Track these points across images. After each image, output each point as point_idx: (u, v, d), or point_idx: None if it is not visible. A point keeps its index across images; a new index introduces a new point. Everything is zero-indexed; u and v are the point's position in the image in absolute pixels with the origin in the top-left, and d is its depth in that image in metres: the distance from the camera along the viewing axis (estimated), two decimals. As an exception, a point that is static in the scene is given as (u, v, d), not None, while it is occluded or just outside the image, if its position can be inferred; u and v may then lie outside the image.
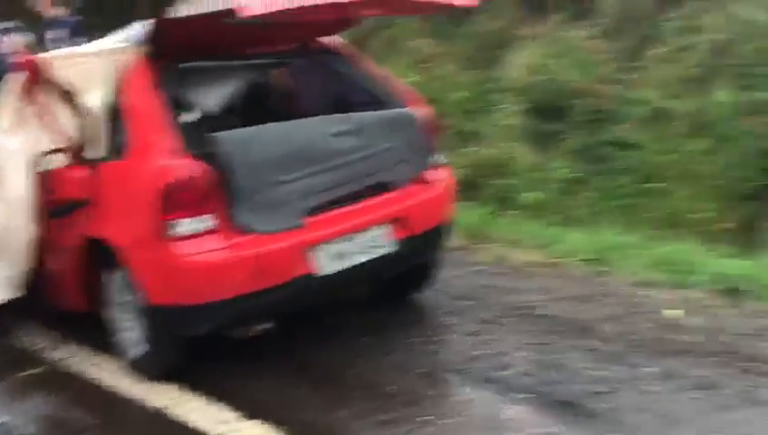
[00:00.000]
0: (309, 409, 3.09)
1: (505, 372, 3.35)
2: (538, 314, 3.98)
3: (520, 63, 6.83)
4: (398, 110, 3.70)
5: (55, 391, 3.31)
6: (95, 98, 3.38)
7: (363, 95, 3.84)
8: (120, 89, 3.32)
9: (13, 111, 3.36)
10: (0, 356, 3.69)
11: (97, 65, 3.39)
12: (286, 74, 4.21)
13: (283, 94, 4.26)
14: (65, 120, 3.45)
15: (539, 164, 6.11)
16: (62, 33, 6.86)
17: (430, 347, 3.62)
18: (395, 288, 4.07)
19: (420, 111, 3.79)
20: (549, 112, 6.36)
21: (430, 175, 3.71)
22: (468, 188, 5.90)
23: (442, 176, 3.81)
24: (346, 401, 3.14)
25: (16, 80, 3.35)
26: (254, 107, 4.06)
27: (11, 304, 3.89)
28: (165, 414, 3.09)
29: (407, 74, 7.21)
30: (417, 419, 2.99)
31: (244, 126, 3.38)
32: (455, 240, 4.98)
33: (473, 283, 4.45)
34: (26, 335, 3.91)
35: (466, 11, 6.52)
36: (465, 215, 5.52)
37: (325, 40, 3.99)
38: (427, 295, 4.20)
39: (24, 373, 3.48)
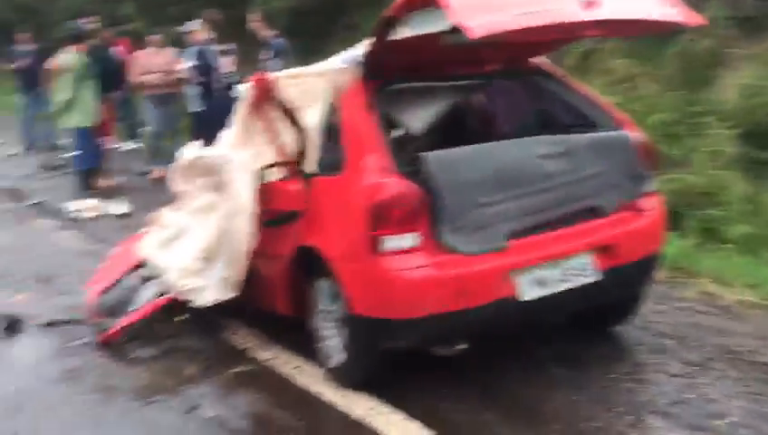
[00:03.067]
0: (503, 437, 3.03)
1: (718, 422, 3.09)
2: (751, 359, 3.65)
3: (733, 85, 6.33)
4: (611, 132, 3.55)
5: (262, 390, 3.51)
6: (313, 116, 3.58)
7: (574, 117, 3.73)
8: (336, 108, 3.49)
9: (241, 127, 3.63)
10: (214, 352, 3.97)
11: (317, 85, 3.58)
12: (494, 94, 4.20)
13: (490, 114, 4.25)
14: (285, 136, 3.67)
15: (752, 195, 5.60)
16: (269, 53, 7.42)
17: (631, 385, 3.42)
18: (594, 320, 3.89)
19: (634, 135, 3.61)
20: (765, 138, 5.82)
21: (642, 202, 3.52)
22: (669, 218, 5.55)
23: (654, 204, 3.60)
24: (540, 434, 3.04)
25: (245, 98, 3.62)
26: (462, 127, 4.09)
27: (222, 304, 4.21)
28: (364, 425, 3.17)
29: (603, 94, 6.96)
30: (621, 461, 2.83)
31: (451, 146, 3.40)
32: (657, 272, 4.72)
33: (677, 320, 4.16)
34: (235, 334, 4.19)
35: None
36: (667, 246, 5.19)
37: (534, 60, 3.94)
38: (628, 330, 3.97)
39: (235, 370, 3.71)
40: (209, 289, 3.88)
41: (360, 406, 3.29)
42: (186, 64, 7.64)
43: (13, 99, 12.55)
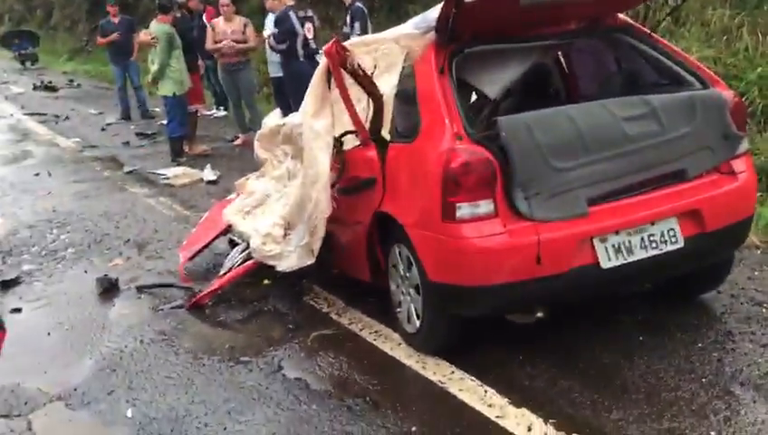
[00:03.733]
0: (580, 406, 2.99)
1: (815, 395, 2.94)
2: None
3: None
4: (701, 91, 3.37)
5: (343, 354, 3.59)
6: (388, 82, 3.57)
7: (660, 76, 3.56)
8: (410, 74, 3.46)
9: (318, 95, 3.65)
10: (297, 315, 4.10)
11: (391, 51, 3.56)
12: (575, 55, 4.06)
13: (571, 76, 4.12)
14: (360, 104, 3.68)
15: None
16: (349, 19, 7.42)
17: (719, 355, 3.30)
18: (681, 287, 3.75)
19: (724, 93, 3.41)
20: None
21: (733, 164, 3.34)
22: (766, 179, 5.25)
23: (745, 166, 3.41)
24: (621, 403, 2.99)
25: (322, 65, 3.63)
26: (542, 90, 3.98)
27: (305, 269, 4.32)
28: (440, 388, 3.20)
29: (698, 49, 6.58)
30: (703, 433, 2.75)
31: (530, 109, 3.32)
32: (751, 237, 4.48)
33: (772, 287, 3.96)
34: (317, 298, 4.30)
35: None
36: (762, 208, 4.92)
37: (615, 17, 3.76)
38: (718, 298, 3.82)
39: (317, 333, 3.82)
40: (290, 256, 3.98)
41: (436, 372, 3.33)
42: (269, 31, 7.74)
43: (109, 70, 13.15)
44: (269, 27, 7.85)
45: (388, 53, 3.56)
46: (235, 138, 9.04)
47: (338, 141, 3.78)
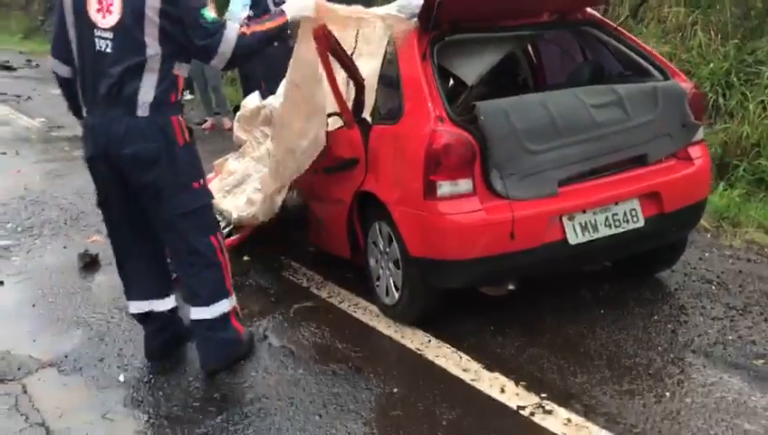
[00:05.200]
0: (548, 371, 3.24)
1: (758, 362, 3.24)
2: (797, 306, 3.76)
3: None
4: (663, 82, 3.64)
5: (323, 324, 3.77)
6: (369, 66, 3.74)
7: (625, 67, 3.82)
8: (393, 59, 3.64)
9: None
10: (278, 289, 4.27)
11: (373, 35, 3.73)
12: (547, 45, 4.30)
13: (543, 65, 4.36)
14: (344, 85, 3.85)
15: (805, 146, 5.58)
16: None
17: (673, 326, 3.58)
18: (637, 265, 4.04)
19: (683, 84, 3.69)
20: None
21: (690, 151, 3.63)
22: (717, 168, 5.59)
23: (701, 153, 3.70)
24: (585, 368, 3.24)
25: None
26: (516, 78, 4.20)
27: (285, 246, 4.50)
28: (418, 355, 3.42)
29: (655, 44, 6.91)
30: (659, 394, 3.02)
31: (503, 96, 3.54)
32: (702, 221, 4.81)
33: (722, 267, 4.28)
34: (297, 273, 4.47)
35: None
36: (713, 195, 5.26)
37: (584, 10, 4.01)
38: (671, 275, 4.12)
39: (298, 305, 4.00)
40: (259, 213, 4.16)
41: (414, 340, 3.55)
42: (242, 13, 7.76)
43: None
44: (240, 10, 7.87)
45: (370, 36, 3.73)
46: (203, 121, 9.09)
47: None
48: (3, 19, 23.84)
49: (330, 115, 3.97)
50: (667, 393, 3.03)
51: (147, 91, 3.02)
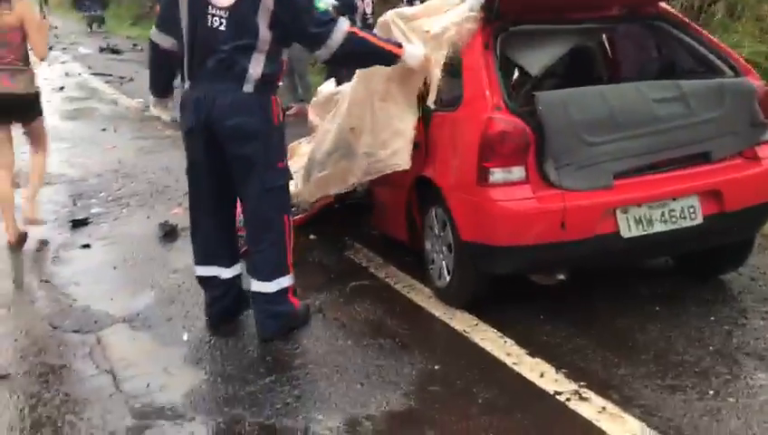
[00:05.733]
0: (591, 361, 3.25)
1: (814, 369, 3.15)
2: None
3: None
4: (730, 79, 3.57)
5: (377, 302, 3.92)
6: (437, 53, 3.83)
7: (696, 63, 3.76)
8: (457, 47, 3.72)
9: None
10: (337, 267, 4.45)
11: (440, 23, 3.81)
12: (616, 39, 4.26)
13: (611, 59, 4.33)
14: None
15: None
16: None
17: (730, 328, 3.51)
18: (701, 264, 3.97)
19: (756, 83, 3.60)
20: None
21: (758, 151, 3.54)
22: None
23: (769, 152, 3.60)
24: (630, 361, 3.23)
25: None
26: (582, 71, 4.19)
27: (343, 226, 4.68)
28: (464, 337, 3.51)
29: (750, 44, 6.66)
30: (702, 391, 2.99)
31: (564, 87, 3.56)
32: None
33: (792, 273, 4.13)
34: (357, 253, 4.64)
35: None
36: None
37: (657, 4, 3.96)
38: (737, 278, 4.02)
39: (355, 283, 4.16)
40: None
41: (462, 323, 3.63)
42: (329, 2, 8.00)
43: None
44: (326, 0, 8.10)
45: (437, 25, 3.80)
46: (289, 107, 9.39)
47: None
48: (116, 8, 25.26)
49: None
50: (711, 392, 3.00)
51: (255, 69, 3.22)
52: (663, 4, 3.96)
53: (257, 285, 3.50)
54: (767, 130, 3.59)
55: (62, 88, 11.00)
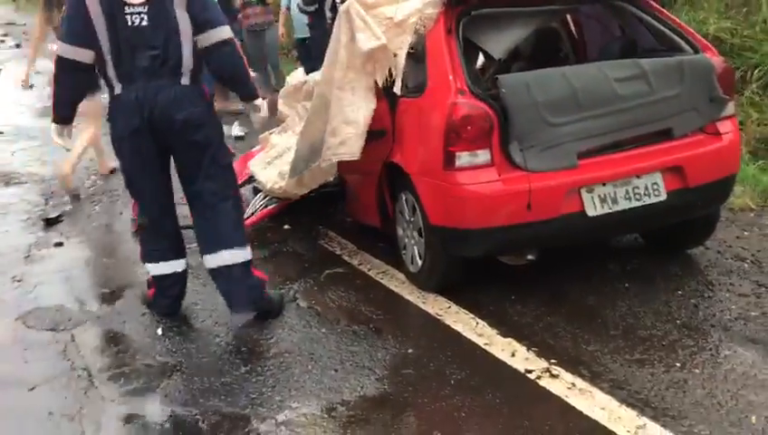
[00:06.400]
0: (562, 339, 3.31)
1: (777, 338, 3.23)
2: (829, 286, 3.69)
3: None
4: (689, 56, 3.62)
5: (351, 288, 3.95)
6: (401, 40, 3.84)
7: (655, 41, 3.80)
8: (420, 33, 3.74)
9: (336, 51, 3.94)
10: (312, 255, 4.47)
11: (402, 9, 3.82)
12: (577, 20, 4.30)
13: (571, 40, 4.37)
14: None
15: None
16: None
17: (696, 301, 3.59)
18: (669, 240, 4.04)
19: (714, 59, 3.66)
20: None
21: (718, 126, 3.60)
22: (768, 146, 5.46)
23: (730, 127, 3.66)
24: (599, 337, 3.30)
25: (339, 24, 3.91)
26: (543, 52, 4.23)
27: (317, 215, 4.70)
28: (436, 320, 3.56)
29: (716, 20, 6.71)
30: (669, 364, 3.06)
31: (526, 69, 3.60)
32: (746, 200, 4.74)
33: (759, 246, 4.22)
34: (331, 241, 4.66)
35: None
36: (762, 174, 5.15)
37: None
38: (704, 253, 4.10)
39: (329, 271, 4.19)
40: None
41: (434, 306, 3.67)
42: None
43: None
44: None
45: (402, 11, 3.80)
46: (262, 98, 9.34)
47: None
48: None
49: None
50: (677, 364, 3.07)
51: (187, 60, 3.29)
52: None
53: (230, 256, 3.50)
54: (726, 106, 3.65)
55: (32, 86, 10.83)
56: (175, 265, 3.67)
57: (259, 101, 3.70)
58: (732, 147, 3.66)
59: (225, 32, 3.36)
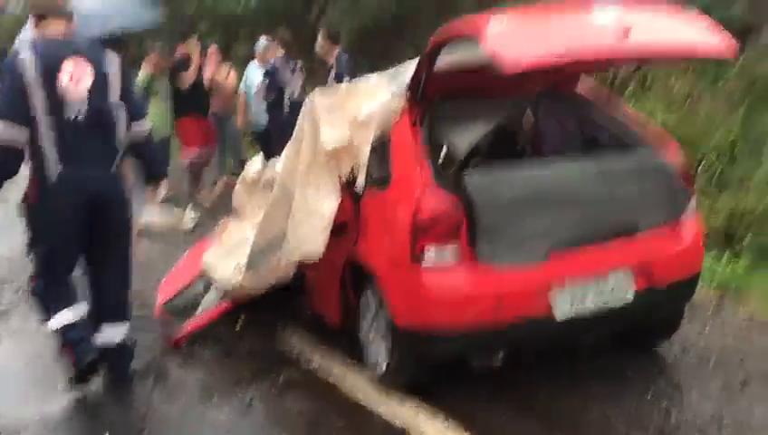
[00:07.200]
0: (536, 444, 3.17)
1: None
2: (795, 384, 3.66)
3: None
4: (651, 153, 3.66)
5: (311, 394, 3.74)
6: (365, 132, 3.79)
7: (615, 138, 3.84)
8: (385, 129, 3.69)
9: (300, 142, 3.86)
10: (269, 355, 4.24)
11: (367, 106, 3.79)
12: (538, 114, 4.35)
13: (534, 134, 4.40)
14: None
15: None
16: (336, 71, 7.59)
17: (667, 404, 3.49)
18: (634, 337, 3.97)
19: (674, 157, 3.70)
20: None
21: (681, 223, 3.60)
22: (722, 237, 5.53)
23: (692, 225, 3.67)
24: (574, 444, 3.17)
25: (304, 114, 3.85)
26: (507, 146, 4.24)
27: (280, 309, 4.51)
28: (406, 429, 3.36)
29: (661, 114, 6.95)
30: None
31: (492, 164, 3.58)
32: (704, 293, 4.74)
33: (721, 342, 4.19)
34: (290, 338, 4.45)
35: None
36: (716, 266, 5.18)
37: (577, 81, 4.07)
38: (669, 349, 4.04)
39: (287, 373, 3.95)
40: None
41: (402, 410, 3.48)
42: (258, 80, 7.96)
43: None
44: (256, 78, 8.08)
45: (366, 103, 3.76)
46: (215, 182, 9.19)
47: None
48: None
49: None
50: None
51: (120, 148, 3.70)
52: (583, 81, 4.07)
53: (119, 329, 3.81)
54: (689, 202, 3.67)
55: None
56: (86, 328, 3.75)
57: (163, 182, 4.09)
58: (696, 243, 3.67)
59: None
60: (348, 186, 3.81)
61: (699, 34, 3.24)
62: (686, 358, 3.98)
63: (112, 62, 3.66)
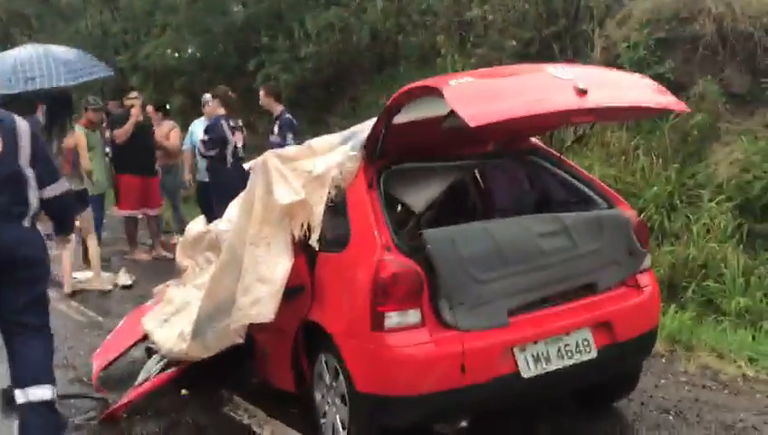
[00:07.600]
0: None
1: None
2: (752, 437, 3.66)
3: (726, 160, 6.48)
4: (608, 211, 3.67)
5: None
6: (318, 193, 3.68)
7: (569, 195, 3.85)
8: (340, 187, 3.59)
9: (249, 203, 3.71)
10: (216, 428, 3.99)
11: (322, 163, 3.70)
12: (493, 173, 4.34)
13: (489, 192, 4.38)
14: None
15: (750, 267, 5.67)
16: (278, 127, 7.51)
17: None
18: (594, 394, 3.92)
19: (628, 213, 3.72)
20: (763, 212, 5.95)
21: (639, 279, 3.61)
22: (666, 290, 5.61)
23: (649, 280, 3.68)
24: None
25: (257, 174, 3.71)
26: (463, 204, 4.20)
27: (227, 378, 4.27)
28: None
29: (600, 168, 7.10)
30: None
31: (451, 223, 3.51)
32: (656, 345, 4.74)
33: (678, 395, 4.19)
34: (238, 408, 4.20)
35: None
36: (664, 318, 5.23)
37: (528, 139, 4.08)
38: (628, 405, 4.01)
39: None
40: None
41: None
42: (198, 136, 7.80)
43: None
44: (198, 133, 7.93)
45: (321, 164, 3.66)
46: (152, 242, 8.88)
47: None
48: None
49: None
50: None
51: (32, 207, 3.60)
52: (533, 139, 4.09)
53: (43, 391, 3.52)
54: (644, 259, 3.68)
55: None
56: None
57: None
58: (653, 299, 3.67)
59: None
60: (302, 247, 3.66)
61: (651, 92, 3.31)
62: (646, 413, 3.95)
63: (23, 130, 3.60)
